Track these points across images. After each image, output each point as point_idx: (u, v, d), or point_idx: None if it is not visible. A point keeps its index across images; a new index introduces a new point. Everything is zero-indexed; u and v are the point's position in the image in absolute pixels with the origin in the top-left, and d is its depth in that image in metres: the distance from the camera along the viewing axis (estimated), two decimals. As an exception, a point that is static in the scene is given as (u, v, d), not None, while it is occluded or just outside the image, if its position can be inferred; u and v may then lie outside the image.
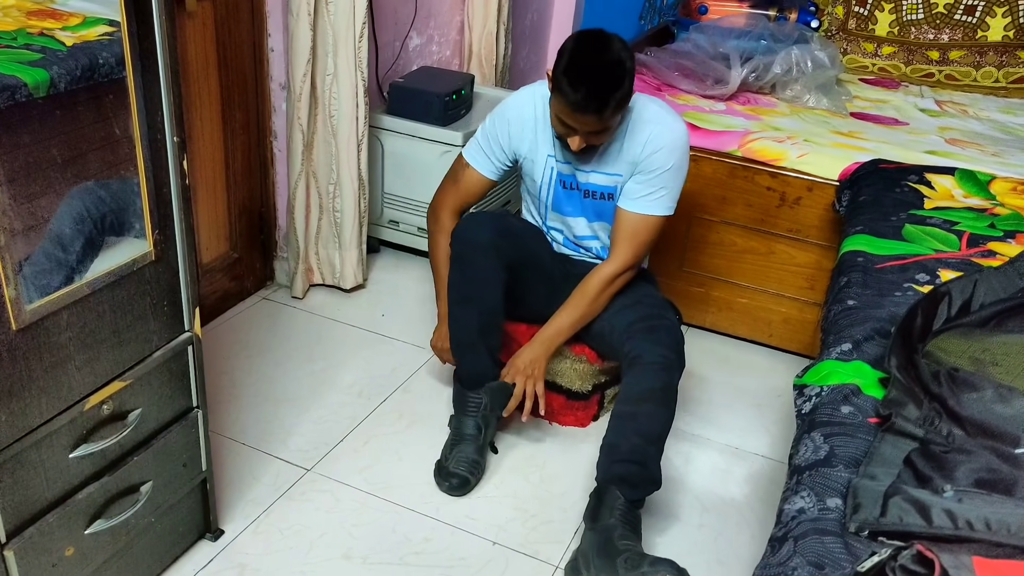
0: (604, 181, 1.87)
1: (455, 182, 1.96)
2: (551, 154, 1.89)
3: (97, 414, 1.31)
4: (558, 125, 1.74)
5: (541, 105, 1.86)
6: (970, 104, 3.03)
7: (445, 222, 1.97)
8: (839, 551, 1.01)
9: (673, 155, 1.80)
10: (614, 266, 1.86)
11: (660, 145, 1.79)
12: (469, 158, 1.94)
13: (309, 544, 1.70)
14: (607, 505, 1.66)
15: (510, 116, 1.89)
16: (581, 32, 1.70)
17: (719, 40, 2.88)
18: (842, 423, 1.26)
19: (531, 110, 1.87)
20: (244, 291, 2.53)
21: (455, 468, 1.86)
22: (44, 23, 1.20)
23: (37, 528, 1.25)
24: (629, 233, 1.85)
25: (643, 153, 1.80)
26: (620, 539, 1.62)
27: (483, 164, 1.93)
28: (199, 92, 2.17)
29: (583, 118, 1.66)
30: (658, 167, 1.80)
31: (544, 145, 1.89)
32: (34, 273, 1.15)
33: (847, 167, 2.29)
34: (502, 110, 1.90)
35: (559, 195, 1.94)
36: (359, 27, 2.28)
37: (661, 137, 1.79)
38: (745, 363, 2.44)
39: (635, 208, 1.83)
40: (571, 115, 1.67)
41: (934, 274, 1.71)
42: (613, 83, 1.63)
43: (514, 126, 1.88)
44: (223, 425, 1.98)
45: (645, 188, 1.82)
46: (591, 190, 1.90)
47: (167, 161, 1.31)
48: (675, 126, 1.82)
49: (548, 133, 1.87)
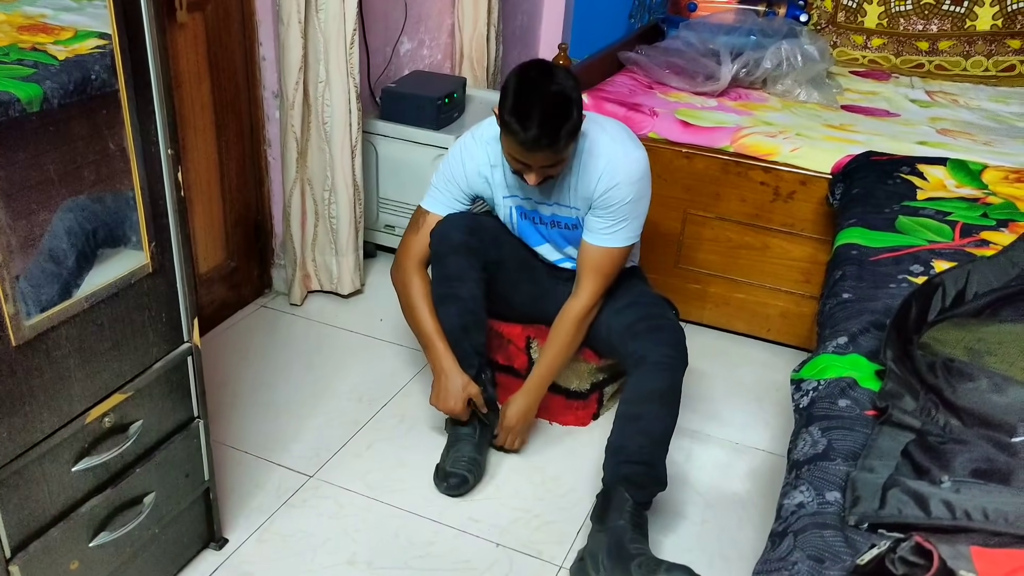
0: (565, 213, 1.88)
1: (416, 232, 1.93)
2: (507, 195, 1.90)
3: (98, 427, 1.32)
4: (512, 162, 1.73)
5: (492, 149, 1.85)
6: (960, 94, 3.04)
7: (412, 272, 1.92)
8: (839, 544, 1.02)
9: (631, 188, 1.78)
10: (582, 301, 1.86)
11: (614, 182, 1.76)
12: (428, 206, 1.92)
13: (313, 551, 1.71)
14: (615, 507, 1.67)
15: (464, 161, 1.88)
16: (522, 66, 1.69)
17: (709, 37, 2.89)
18: (840, 416, 1.27)
19: (483, 157, 1.86)
20: (242, 300, 2.54)
21: (452, 468, 1.87)
22: (36, 38, 1.20)
23: (41, 543, 1.25)
24: (594, 266, 1.84)
25: (597, 190, 1.78)
26: (631, 542, 1.62)
27: (442, 207, 1.90)
28: (192, 103, 2.18)
29: (536, 155, 1.65)
30: (616, 202, 1.78)
31: (499, 188, 1.89)
32: (32, 289, 1.16)
33: (839, 160, 2.30)
34: (454, 156, 1.89)
35: (524, 228, 1.96)
36: (350, 33, 2.29)
37: (615, 174, 1.76)
38: (744, 358, 2.45)
39: (597, 242, 1.83)
40: (524, 153, 1.66)
41: (928, 265, 1.72)
42: (561, 116, 1.62)
43: (469, 172, 1.88)
44: (225, 434, 1.99)
45: (605, 222, 1.81)
46: (556, 221, 1.91)
47: (162, 173, 1.32)
48: (629, 157, 1.78)
49: (500, 174, 1.87)
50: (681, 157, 2.41)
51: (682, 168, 2.41)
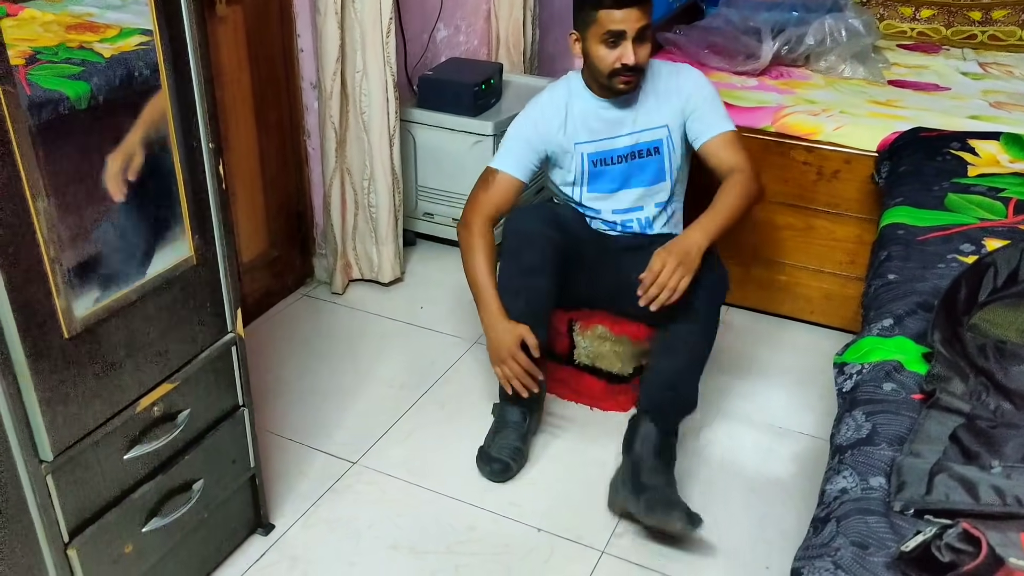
0: (648, 137, 1.93)
1: (485, 191, 1.94)
2: (579, 141, 1.94)
3: (148, 416, 1.35)
4: (606, 47, 1.79)
5: (561, 100, 1.94)
6: (1016, 65, 2.94)
7: (481, 229, 1.90)
8: (884, 530, 1.00)
9: (703, 82, 1.94)
10: (742, 170, 1.86)
11: (691, 82, 1.93)
12: (498, 164, 1.95)
13: (357, 535, 1.74)
14: (639, 436, 1.77)
15: (537, 119, 1.94)
16: None
17: (749, 14, 2.83)
18: (884, 400, 1.25)
19: (558, 111, 1.94)
20: (285, 289, 2.58)
21: (497, 454, 1.89)
22: (83, 36, 1.23)
23: (97, 527, 1.30)
24: (732, 152, 1.88)
25: (682, 94, 1.91)
26: (648, 474, 1.72)
27: (512, 166, 1.93)
28: (232, 95, 2.21)
29: (630, 12, 1.75)
30: (704, 95, 1.92)
31: (571, 136, 1.93)
32: (82, 282, 1.19)
33: (886, 137, 2.24)
34: (528, 114, 1.96)
35: (595, 176, 1.97)
36: (386, 22, 2.29)
37: (688, 77, 1.94)
38: (787, 341, 2.42)
39: (720, 129, 1.90)
40: (617, 17, 1.76)
41: (979, 244, 1.67)
42: None
43: (541, 129, 1.93)
44: (269, 421, 2.03)
45: (711, 114, 1.91)
46: (635, 151, 1.94)
47: (204, 166, 1.34)
48: (683, 66, 1.99)
49: (574, 123, 1.93)
50: (721, 138, 2.37)
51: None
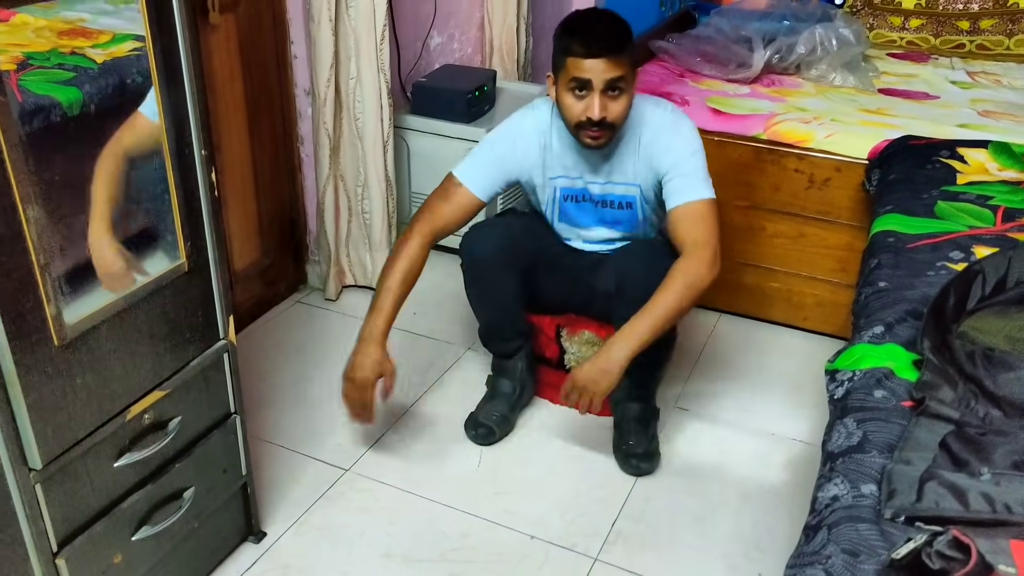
0: (621, 191, 1.87)
1: (443, 201, 1.85)
2: (554, 175, 1.88)
3: (138, 424, 1.35)
4: (573, 96, 1.69)
5: (544, 126, 1.84)
6: (1003, 73, 2.96)
7: (412, 246, 1.82)
8: (874, 538, 1.01)
9: (691, 141, 1.79)
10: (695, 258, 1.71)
11: (673, 141, 1.78)
12: (463, 178, 1.85)
13: (350, 543, 1.73)
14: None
15: (516, 141, 1.85)
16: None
17: (741, 23, 2.85)
18: (875, 408, 1.25)
19: (537, 137, 1.85)
20: (278, 296, 2.57)
21: (484, 419, 2.00)
22: (75, 42, 1.22)
23: (86, 537, 1.29)
24: (696, 223, 1.75)
25: (664, 160, 1.78)
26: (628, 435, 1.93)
27: (477, 184, 1.84)
28: (225, 102, 2.21)
29: (597, 63, 1.64)
30: (683, 156, 1.78)
31: (547, 169, 1.87)
32: (73, 290, 1.19)
33: (876, 145, 2.26)
34: (506, 134, 1.87)
35: (566, 210, 1.94)
36: (380, 29, 2.30)
37: (672, 136, 1.79)
38: (780, 347, 2.42)
39: (689, 198, 1.76)
40: (584, 66, 1.65)
41: (968, 251, 1.68)
42: (620, 25, 1.70)
43: (519, 153, 1.85)
44: (261, 428, 2.02)
45: (686, 178, 1.77)
46: (607, 200, 1.89)
47: (196, 174, 1.34)
48: (679, 119, 1.82)
49: (552, 154, 1.86)
50: (713, 145, 2.38)
51: (714, 157, 2.35)
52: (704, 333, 2.46)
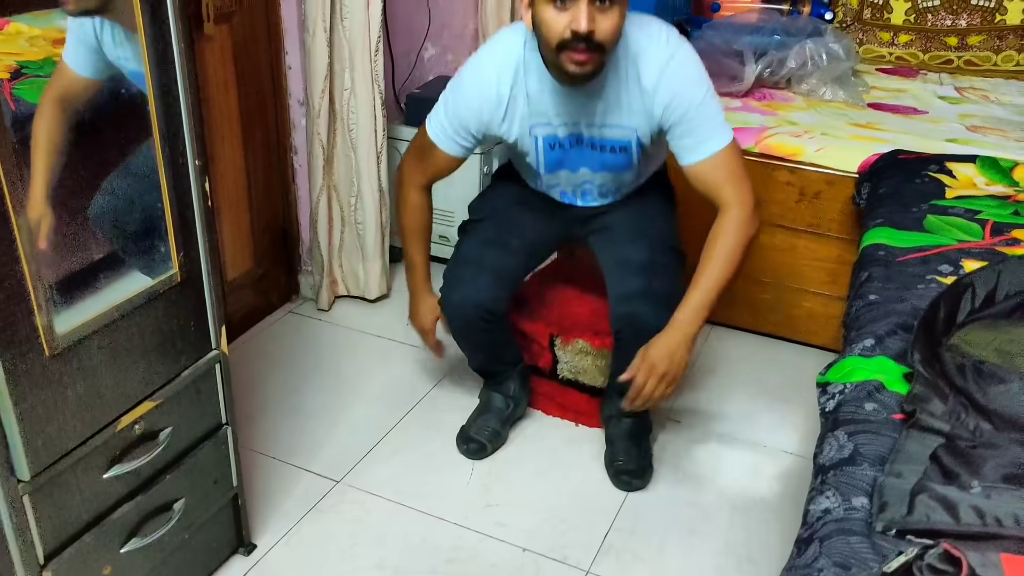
0: (616, 134, 1.68)
1: (420, 159, 1.81)
2: (535, 123, 1.70)
3: (129, 435, 1.34)
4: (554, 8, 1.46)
5: (513, 71, 1.64)
6: (991, 89, 2.99)
7: (413, 198, 1.86)
8: (866, 551, 1.01)
9: (697, 83, 1.60)
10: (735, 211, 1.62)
11: (679, 90, 1.58)
12: (434, 137, 1.76)
13: (341, 555, 1.72)
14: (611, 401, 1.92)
15: (473, 98, 1.68)
16: None
17: (732, 37, 2.87)
18: (866, 420, 1.26)
19: (500, 87, 1.66)
20: (270, 306, 2.57)
21: (476, 434, 2.00)
22: (69, 51, 1.22)
23: (75, 549, 1.28)
24: (723, 177, 1.62)
25: (662, 104, 1.59)
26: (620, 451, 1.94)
27: (448, 144, 1.76)
28: (219, 112, 2.21)
29: None
30: (692, 106, 1.59)
31: (523, 119, 1.69)
32: (64, 300, 1.18)
33: (866, 159, 2.27)
34: (465, 88, 1.69)
35: (553, 159, 1.77)
36: (374, 41, 2.30)
37: (676, 83, 1.58)
38: (771, 359, 2.43)
39: (708, 152, 1.62)
40: None
41: (957, 265, 1.69)
42: None
43: (484, 110, 1.68)
44: (253, 440, 2.01)
45: (700, 131, 1.61)
46: (599, 144, 1.72)
47: (190, 184, 1.34)
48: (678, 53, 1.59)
49: (523, 102, 1.67)
50: (705, 159, 2.39)
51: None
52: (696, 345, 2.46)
